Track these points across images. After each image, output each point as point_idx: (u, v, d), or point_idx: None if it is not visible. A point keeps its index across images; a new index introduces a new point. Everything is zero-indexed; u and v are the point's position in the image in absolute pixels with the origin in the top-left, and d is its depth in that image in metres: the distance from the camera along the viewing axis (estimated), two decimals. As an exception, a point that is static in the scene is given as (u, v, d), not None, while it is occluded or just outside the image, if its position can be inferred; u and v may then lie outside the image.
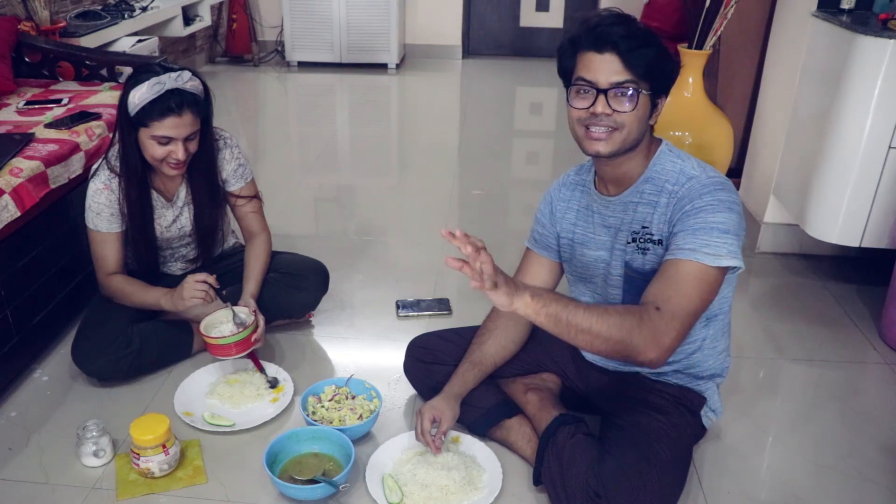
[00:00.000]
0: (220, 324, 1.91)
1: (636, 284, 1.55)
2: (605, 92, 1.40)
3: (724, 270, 1.42)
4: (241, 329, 1.87)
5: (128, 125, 1.82)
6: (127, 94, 1.79)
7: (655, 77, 1.42)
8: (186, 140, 1.83)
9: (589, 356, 1.75)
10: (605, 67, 1.40)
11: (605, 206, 1.57)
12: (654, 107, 1.46)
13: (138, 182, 1.91)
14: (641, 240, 1.51)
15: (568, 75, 1.47)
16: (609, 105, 1.41)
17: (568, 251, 1.68)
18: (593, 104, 1.42)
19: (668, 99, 1.50)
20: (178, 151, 1.82)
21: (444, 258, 1.23)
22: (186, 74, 1.82)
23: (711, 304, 1.50)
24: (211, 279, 1.86)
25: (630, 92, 1.40)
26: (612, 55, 1.39)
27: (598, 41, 1.40)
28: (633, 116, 1.42)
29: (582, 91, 1.43)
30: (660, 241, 1.49)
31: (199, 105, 1.85)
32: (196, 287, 1.84)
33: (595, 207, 1.60)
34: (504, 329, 1.73)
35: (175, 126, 1.79)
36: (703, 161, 1.53)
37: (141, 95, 1.76)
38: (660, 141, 1.54)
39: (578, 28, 1.45)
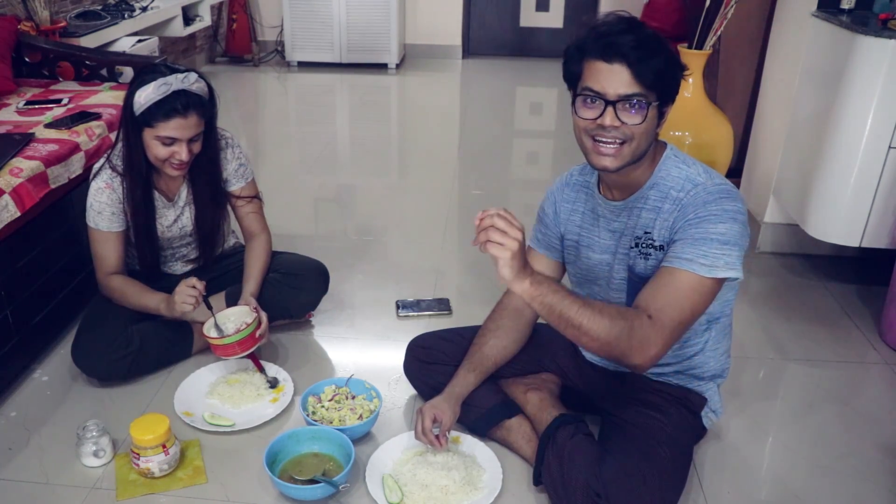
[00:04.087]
0: (222, 324, 1.91)
1: (639, 288, 1.54)
2: (613, 104, 1.36)
3: (720, 281, 1.40)
4: (240, 328, 1.87)
5: (132, 125, 1.82)
6: (132, 93, 1.79)
7: (664, 87, 1.38)
8: (190, 141, 1.83)
9: (589, 356, 1.75)
10: (613, 78, 1.35)
11: (609, 210, 1.56)
12: (661, 116, 1.42)
13: (142, 182, 1.91)
14: (644, 245, 1.50)
15: (574, 81, 1.43)
16: (618, 117, 1.37)
17: (573, 253, 1.68)
18: (601, 115, 1.38)
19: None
20: (182, 152, 1.82)
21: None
22: (193, 76, 1.82)
23: (713, 307, 1.50)
24: (200, 285, 1.87)
25: (639, 104, 1.36)
26: (621, 66, 1.34)
27: (606, 50, 1.35)
28: (642, 129, 1.38)
29: (589, 101, 1.39)
30: (661, 247, 1.48)
31: (204, 107, 1.85)
32: (187, 293, 1.85)
33: (600, 211, 1.59)
34: (505, 330, 1.73)
35: (180, 127, 1.79)
36: (707, 165, 1.52)
37: (147, 96, 1.76)
38: (664, 145, 1.52)
39: (586, 34, 1.39)
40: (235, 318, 1.93)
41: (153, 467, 1.62)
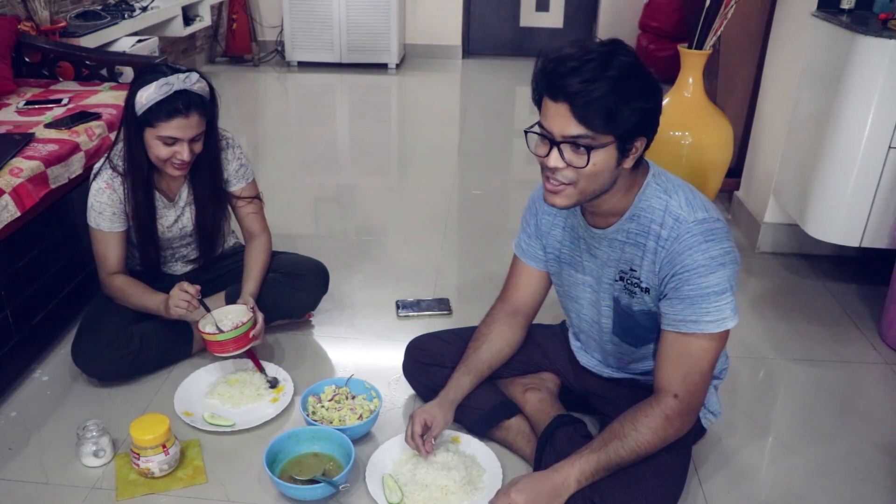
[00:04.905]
0: (219, 321, 1.91)
1: (625, 317, 1.55)
2: (558, 144, 1.30)
3: (728, 329, 1.42)
4: (235, 327, 1.87)
5: (134, 125, 1.82)
6: (134, 93, 1.79)
7: (620, 125, 1.27)
8: (192, 141, 1.83)
9: (584, 361, 1.75)
10: (558, 119, 1.28)
11: (590, 236, 1.52)
12: (624, 152, 1.32)
13: (143, 182, 1.91)
14: (629, 282, 1.49)
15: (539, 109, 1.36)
16: (563, 158, 1.31)
17: (555, 267, 1.66)
18: (547, 155, 1.32)
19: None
20: (184, 152, 1.82)
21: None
22: (194, 76, 1.82)
23: None
24: (193, 289, 1.87)
25: (585, 147, 1.28)
26: (565, 107, 1.26)
27: (550, 89, 1.28)
28: (588, 172, 1.31)
29: (539, 138, 1.34)
30: (647, 290, 1.46)
31: (206, 107, 1.85)
32: (180, 297, 1.86)
33: (581, 233, 1.55)
34: (499, 333, 1.72)
35: (181, 127, 1.79)
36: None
37: (148, 96, 1.76)
38: (647, 168, 1.44)
39: (538, 65, 1.32)
40: (233, 317, 1.93)
41: (153, 467, 1.62)
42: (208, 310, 1.91)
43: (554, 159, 1.32)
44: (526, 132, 1.37)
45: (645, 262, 1.44)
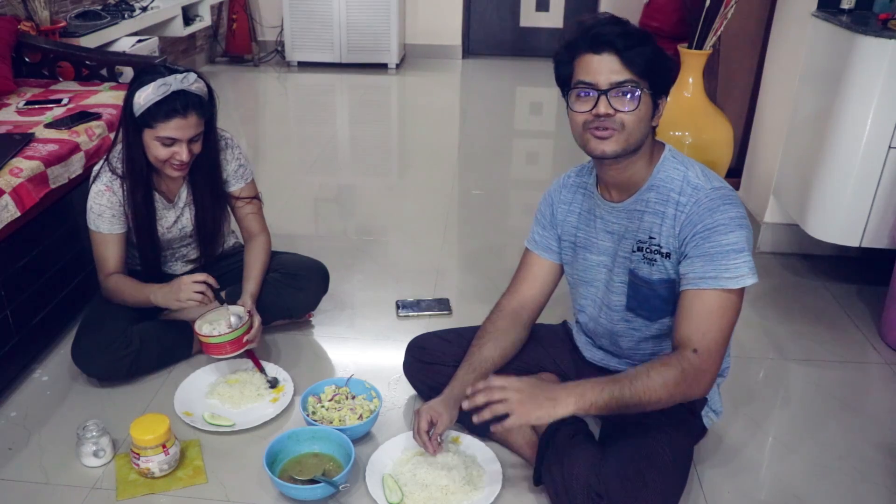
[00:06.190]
0: (216, 322, 1.91)
1: (641, 291, 1.56)
2: (605, 92, 1.40)
3: (744, 289, 1.44)
4: (235, 328, 1.87)
5: (132, 126, 1.82)
6: (132, 94, 1.79)
7: (655, 75, 1.41)
8: (190, 142, 1.83)
9: (588, 355, 1.75)
10: (604, 68, 1.39)
11: (608, 211, 1.57)
12: (655, 107, 1.45)
13: (142, 184, 1.91)
14: (648, 250, 1.51)
15: (566, 81, 1.46)
16: (611, 105, 1.40)
17: (570, 254, 1.68)
18: (595, 105, 1.41)
19: (668, 99, 1.49)
20: (182, 153, 1.82)
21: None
22: (192, 76, 1.82)
23: None
24: (210, 280, 1.86)
25: (631, 91, 1.39)
26: (610, 55, 1.39)
27: (594, 42, 1.40)
28: (635, 116, 1.41)
29: (583, 94, 1.42)
30: (668, 255, 1.49)
31: (204, 107, 1.85)
32: (194, 288, 1.84)
33: (598, 212, 1.60)
34: (503, 331, 1.72)
35: (180, 127, 1.79)
36: (705, 164, 1.53)
37: (146, 96, 1.76)
38: (663, 146, 1.54)
39: (574, 32, 1.43)
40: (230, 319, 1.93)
41: (153, 467, 1.63)
42: (222, 302, 1.90)
43: (604, 106, 1.40)
44: (568, 92, 1.46)
45: (664, 227, 1.48)
